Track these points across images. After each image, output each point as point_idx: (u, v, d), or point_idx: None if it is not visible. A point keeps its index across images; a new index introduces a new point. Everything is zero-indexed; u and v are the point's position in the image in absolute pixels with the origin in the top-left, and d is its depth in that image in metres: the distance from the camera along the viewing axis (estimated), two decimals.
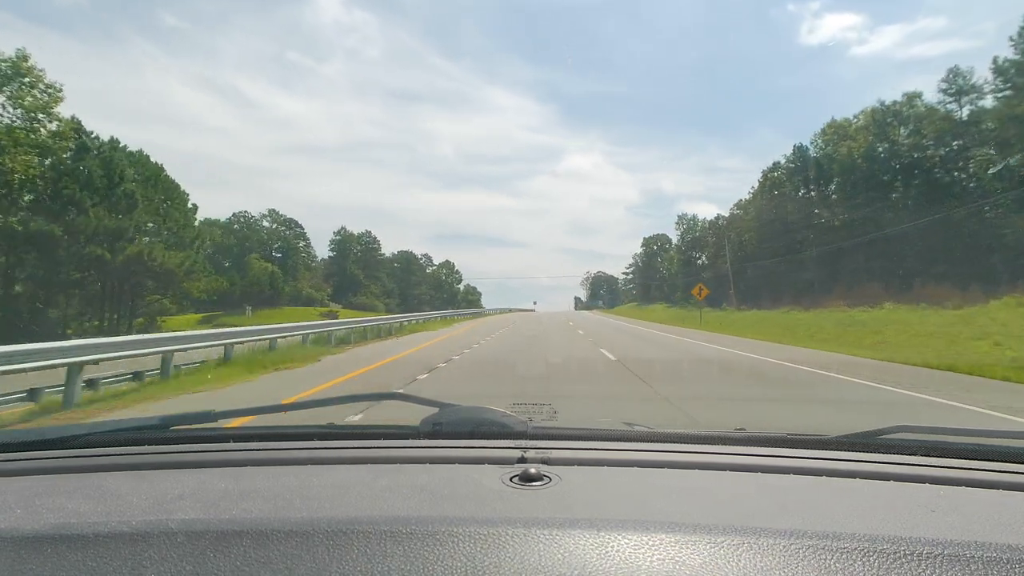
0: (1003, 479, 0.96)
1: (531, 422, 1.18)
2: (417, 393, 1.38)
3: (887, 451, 1.09)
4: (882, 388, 8.36)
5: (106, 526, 0.69)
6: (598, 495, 0.87)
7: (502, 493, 0.84)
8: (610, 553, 0.64)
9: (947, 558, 0.62)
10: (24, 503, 0.80)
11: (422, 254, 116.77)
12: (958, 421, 6.00)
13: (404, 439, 1.17)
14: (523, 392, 7.21)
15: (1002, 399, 7.36)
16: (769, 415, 6.35)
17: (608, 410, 6.51)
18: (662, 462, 1.03)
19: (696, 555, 0.63)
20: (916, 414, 6.53)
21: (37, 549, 0.65)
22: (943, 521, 0.76)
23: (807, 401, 7.56)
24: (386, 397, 1.48)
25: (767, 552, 0.64)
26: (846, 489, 0.92)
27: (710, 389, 8.56)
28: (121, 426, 1.18)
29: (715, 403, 7.20)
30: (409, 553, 0.63)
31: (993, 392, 8.14)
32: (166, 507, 0.79)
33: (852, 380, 9.10)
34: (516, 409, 1.31)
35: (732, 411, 6.68)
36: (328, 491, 0.85)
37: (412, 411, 1.28)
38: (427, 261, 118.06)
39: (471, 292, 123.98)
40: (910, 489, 0.92)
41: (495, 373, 10.45)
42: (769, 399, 7.63)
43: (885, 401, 7.42)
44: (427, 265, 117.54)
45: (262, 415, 1.34)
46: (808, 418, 6.16)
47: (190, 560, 0.62)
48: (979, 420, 6.15)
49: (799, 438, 1.17)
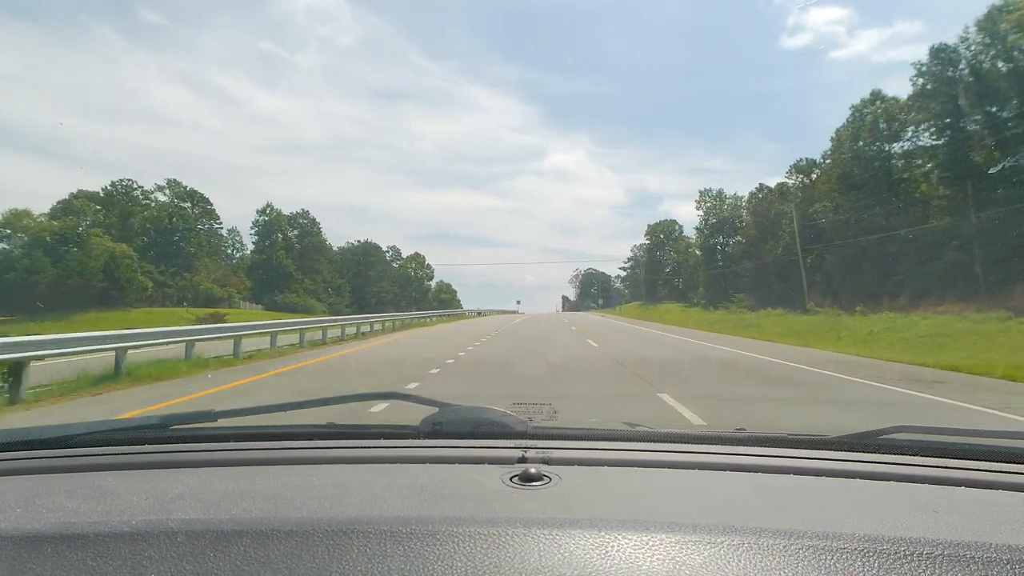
0: (1003, 479, 0.96)
1: (531, 422, 1.18)
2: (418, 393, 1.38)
3: (887, 451, 1.10)
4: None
5: (106, 526, 0.69)
6: (598, 495, 0.87)
7: (502, 493, 0.84)
8: (610, 553, 0.64)
9: (947, 558, 0.62)
10: (24, 503, 0.80)
11: (389, 246, 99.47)
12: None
13: (404, 439, 1.17)
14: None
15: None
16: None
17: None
18: (662, 462, 1.03)
19: (696, 555, 0.63)
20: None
21: (37, 549, 0.65)
22: (943, 521, 0.76)
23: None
24: (386, 397, 1.49)
25: (767, 552, 0.64)
26: (846, 489, 0.92)
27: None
28: (121, 426, 1.18)
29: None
30: (409, 553, 0.63)
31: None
32: (166, 507, 0.79)
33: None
34: (516, 409, 1.31)
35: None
36: (328, 491, 0.85)
37: (412, 411, 1.28)
38: (395, 254, 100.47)
39: (445, 290, 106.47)
40: (910, 489, 0.92)
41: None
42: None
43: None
44: (394, 259, 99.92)
45: (262, 415, 1.35)
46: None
47: (190, 560, 0.62)
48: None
49: (799, 438, 1.17)
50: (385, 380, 9.86)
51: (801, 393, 8.60)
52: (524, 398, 1.76)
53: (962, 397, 7.85)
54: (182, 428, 1.22)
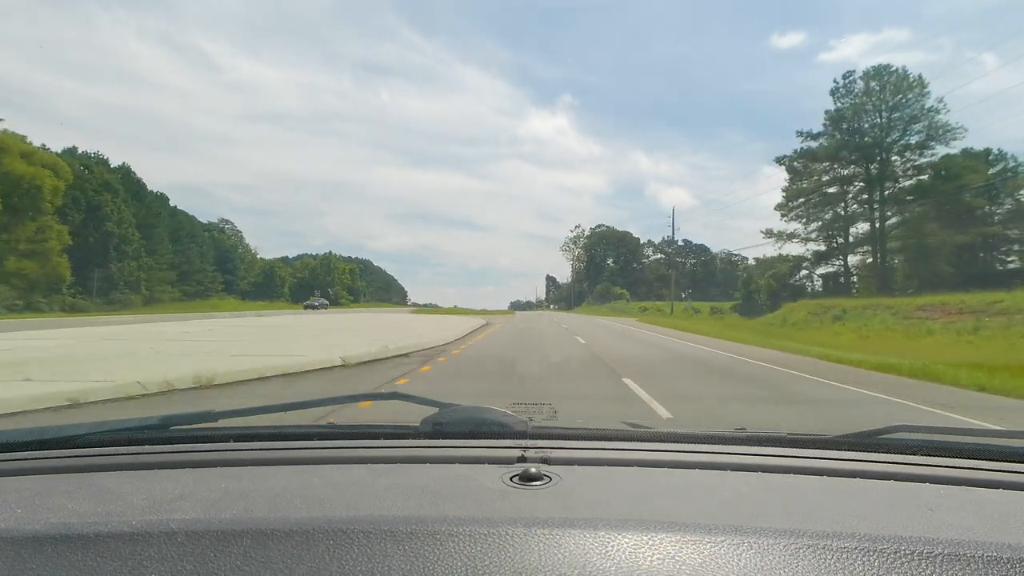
0: (1003, 479, 0.96)
1: (531, 422, 1.18)
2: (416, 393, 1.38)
3: (887, 451, 1.10)
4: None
5: (106, 526, 0.69)
6: (598, 495, 0.87)
7: (502, 493, 0.84)
8: (610, 553, 0.64)
9: (947, 558, 0.62)
10: (24, 503, 0.80)
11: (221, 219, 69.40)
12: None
13: (404, 439, 1.17)
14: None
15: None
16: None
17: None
18: (662, 461, 1.03)
19: (696, 554, 0.63)
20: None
21: (37, 549, 0.65)
22: (943, 521, 0.76)
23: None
24: (386, 397, 1.48)
25: (767, 551, 0.64)
26: (846, 489, 0.92)
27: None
28: (121, 426, 1.18)
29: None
30: (409, 553, 0.63)
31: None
32: (166, 507, 0.79)
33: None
34: (516, 409, 1.31)
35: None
36: (328, 491, 0.85)
37: (412, 411, 1.28)
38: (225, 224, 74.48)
39: (322, 273, 77.65)
40: (910, 489, 0.92)
41: None
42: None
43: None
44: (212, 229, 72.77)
45: (262, 415, 1.35)
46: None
47: (190, 560, 0.62)
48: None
49: (799, 438, 1.17)
50: None
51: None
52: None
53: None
54: (182, 428, 1.22)
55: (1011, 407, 7.42)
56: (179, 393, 6.63)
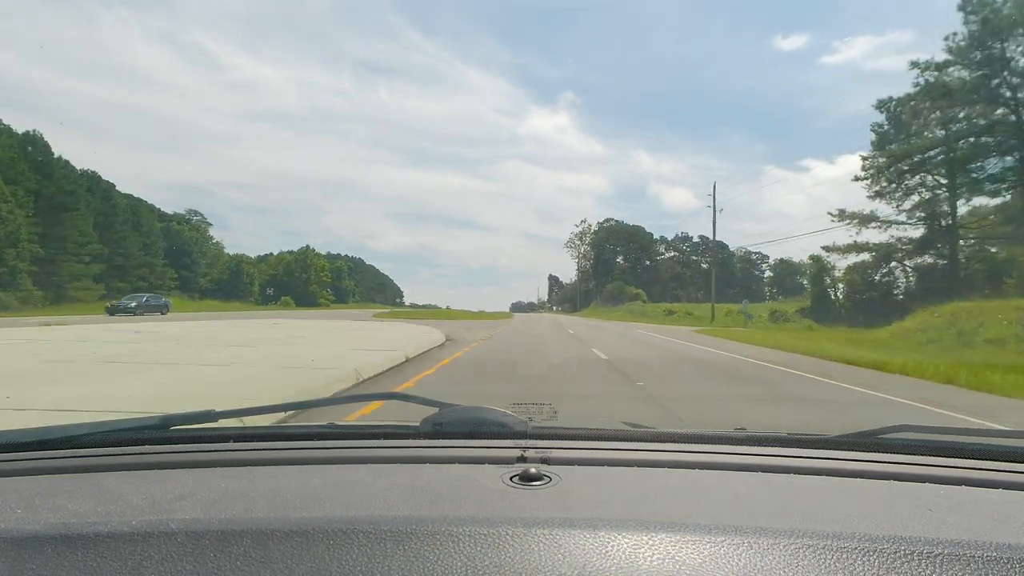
0: (1004, 478, 0.96)
1: (531, 422, 1.18)
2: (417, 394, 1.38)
3: (888, 450, 1.10)
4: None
5: (106, 526, 0.69)
6: (598, 495, 0.87)
7: (502, 493, 0.84)
8: (610, 553, 0.64)
9: (947, 558, 0.62)
10: (24, 503, 0.80)
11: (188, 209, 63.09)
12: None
13: (404, 439, 1.17)
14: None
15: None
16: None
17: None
18: (662, 462, 1.03)
19: (696, 554, 0.63)
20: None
21: (37, 549, 0.65)
22: (943, 521, 0.76)
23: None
24: (386, 397, 1.49)
25: (768, 551, 0.64)
26: (847, 488, 0.92)
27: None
28: (121, 426, 1.18)
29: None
30: (409, 553, 0.63)
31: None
32: (166, 507, 0.79)
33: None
34: (516, 409, 1.31)
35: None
36: (328, 491, 0.85)
37: (412, 411, 1.28)
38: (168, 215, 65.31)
39: (297, 269, 70.65)
40: (910, 489, 0.92)
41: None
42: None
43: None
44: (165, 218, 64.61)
45: (262, 415, 1.34)
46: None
47: (190, 560, 0.62)
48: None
49: (799, 437, 1.17)
50: None
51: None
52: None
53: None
54: (182, 428, 1.22)
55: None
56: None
